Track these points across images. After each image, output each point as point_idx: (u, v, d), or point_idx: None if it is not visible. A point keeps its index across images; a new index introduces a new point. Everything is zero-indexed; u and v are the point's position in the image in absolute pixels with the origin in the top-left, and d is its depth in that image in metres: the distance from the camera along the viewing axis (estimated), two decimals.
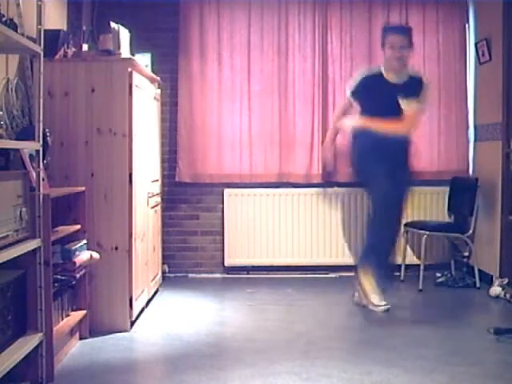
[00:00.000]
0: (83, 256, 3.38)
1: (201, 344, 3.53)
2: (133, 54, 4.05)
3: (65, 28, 4.22)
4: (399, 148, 4.18)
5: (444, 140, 5.36)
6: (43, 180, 2.95)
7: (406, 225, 5.14)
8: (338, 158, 4.69)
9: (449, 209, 5.26)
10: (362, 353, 3.37)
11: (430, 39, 5.34)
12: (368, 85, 4.25)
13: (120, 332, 3.69)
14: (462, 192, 5.04)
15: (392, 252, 4.19)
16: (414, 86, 4.15)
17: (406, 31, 4.27)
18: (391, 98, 4.12)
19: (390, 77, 4.17)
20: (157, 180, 4.70)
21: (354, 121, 4.30)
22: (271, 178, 5.34)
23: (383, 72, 4.20)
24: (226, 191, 5.32)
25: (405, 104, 4.11)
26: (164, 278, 5.05)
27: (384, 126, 4.11)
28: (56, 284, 3.14)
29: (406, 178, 4.28)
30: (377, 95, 4.20)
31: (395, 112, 4.12)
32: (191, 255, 5.38)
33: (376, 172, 4.10)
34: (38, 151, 2.88)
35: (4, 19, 2.77)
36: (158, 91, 4.81)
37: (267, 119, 5.31)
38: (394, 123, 4.11)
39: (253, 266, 5.37)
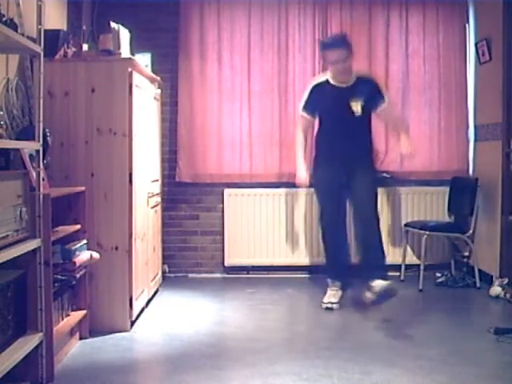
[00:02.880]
0: (83, 256, 3.38)
1: (201, 344, 3.53)
2: (133, 54, 4.05)
3: (65, 28, 4.23)
4: (359, 155, 4.27)
5: (444, 140, 5.36)
6: (43, 180, 2.95)
7: (406, 225, 5.15)
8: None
9: (449, 209, 5.26)
10: (362, 353, 3.37)
11: (430, 39, 5.34)
12: (317, 94, 4.30)
13: (120, 332, 3.69)
14: (462, 192, 5.04)
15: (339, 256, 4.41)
16: (365, 87, 4.22)
17: (341, 44, 4.19)
18: (342, 103, 4.20)
19: (337, 83, 4.25)
20: (157, 180, 4.70)
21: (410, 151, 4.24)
22: (271, 177, 5.34)
23: (330, 79, 4.27)
24: (226, 191, 5.32)
25: (356, 106, 4.19)
26: (164, 277, 5.05)
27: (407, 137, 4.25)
28: (56, 284, 3.14)
29: (368, 182, 4.31)
30: (328, 103, 4.27)
31: (349, 117, 4.21)
32: (191, 255, 5.38)
33: (324, 187, 4.34)
34: (38, 151, 2.88)
35: (4, 19, 2.77)
36: (158, 91, 4.81)
37: (267, 119, 5.31)
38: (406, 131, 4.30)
39: (253, 266, 5.37)
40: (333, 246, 4.41)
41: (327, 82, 4.28)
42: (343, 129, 4.25)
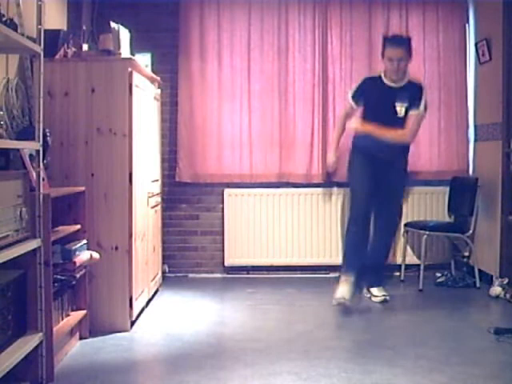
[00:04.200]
0: (83, 256, 3.38)
1: (201, 344, 3.53)
2: (133, 54, 4.05)
3: (65, 28, 4.22)
4: (395, 154, 4.39)
5: (444, 140, 5.36)
6: (43, 180, 2.95)
7: (405, 225, 5.15)
8: (340, 159, 4.69)
9: (449, 209, 5.26)
10: (362, 353, 3.37)
11: (430, 39, 5.34)
12: (368, 87, 4.42)
13: (120, 332, 3.69)
14: (462, 192, 5.04)
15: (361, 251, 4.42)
16: (412, 92, 4.32)
17: (404, 43, 4.36)
18: (388, 102, 4.33)
19: (389, 82, 4.35)
20: (157, 180, 4.70)
21: (357, 123, 4.45)
22: (271, 177, 5.33)
23: (383, 76, 4.38)
24: (226, 191, 5.32)
25: (401, 108, 4.31)
26: (164, 277, 5.05)
27: (384, 133, 4.27)
28: (56, 284, 3.14)
29: (398, 183, 4.52)
30: (375, 98, 4.38)
31: (392, 116, 4.32)
32: (191, 255, 5.38)
33: (359, 178, 4.42)
34: (38, 151, 2.88)
35: (4, 19, 2.77)
36: (158, 91, 4.81)
37: (267, 119, 5.31)
38: (393, 131, 4.28)
39: (253, 266, 5.37)
40: (356, 241, 4.41)
41: (379, 77, 4.38)
42: (384, 126, 4.29)
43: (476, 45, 5.14)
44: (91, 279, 3.66)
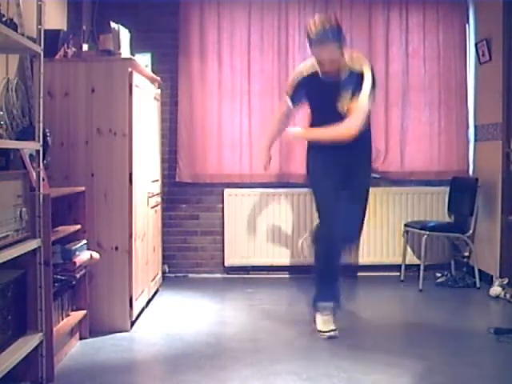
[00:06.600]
0: (83, 256, 3.38)
1: (201, 344, 3.53)
2: (133, 54, 4.05)
3: (65, 28, 4.23)
4: (355, 152, 3.72)
5: (444, 140, 5.36)
6: (43, 180, 2.95)
7: (406, 225, 5.15)
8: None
9: (449, 209, 5.26)
10: (362, 353, 3.36)
11: (430, 39, 5.34)
12: (308, 83, 3.79)
13: (120, 332, 3.69)
14: (462, 192, 5.05)
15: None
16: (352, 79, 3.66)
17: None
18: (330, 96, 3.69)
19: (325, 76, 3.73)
20: (157, 180, 4.70)
21: (297, 132, 3.95)
22: (271, 178, 5.33)
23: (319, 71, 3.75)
24: (226, 191, 5.32)
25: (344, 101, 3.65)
26: (164, 277, 5.05)
27: (325, 135, 3.66)
28: (56, 284, 3.14)
29: (364, 184, 3.91)
30: (317, 94, 3.79)
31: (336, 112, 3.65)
32: (191, 255, 5.38)
33: (326, 193, 3.78)
34: (38, 151, 2.88)
35: (4, 19, 2.77)
36: (158, 91, 4.81)
37: (267, 119, 5.30)
38: (334, 128, 3.59)
39: (253, 266, 5.37)
40: (330, 260, 3.75)
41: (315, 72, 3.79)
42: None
43: (476, 45, 5.14)
44: (91, 279, 3.66)
